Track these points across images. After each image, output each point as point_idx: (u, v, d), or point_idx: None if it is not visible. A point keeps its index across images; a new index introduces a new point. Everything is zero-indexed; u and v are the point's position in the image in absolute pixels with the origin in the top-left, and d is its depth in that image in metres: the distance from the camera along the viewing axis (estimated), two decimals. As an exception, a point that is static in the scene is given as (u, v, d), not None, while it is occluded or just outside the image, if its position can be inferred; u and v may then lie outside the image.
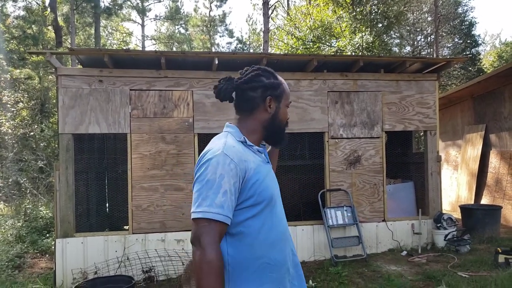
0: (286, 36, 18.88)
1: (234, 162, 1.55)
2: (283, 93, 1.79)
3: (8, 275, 5.94)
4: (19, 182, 10.78)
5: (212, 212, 1.47)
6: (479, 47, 21.92)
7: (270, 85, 1.75)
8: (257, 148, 1.74)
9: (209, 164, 1.54)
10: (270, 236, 1.65)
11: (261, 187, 1.62)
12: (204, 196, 1.50)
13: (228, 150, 1.58)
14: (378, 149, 6.64)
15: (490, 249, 6.33)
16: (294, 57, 6.77)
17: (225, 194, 1.50)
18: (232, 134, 1.71)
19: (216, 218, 1.48)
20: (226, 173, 1.52)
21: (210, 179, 1.51)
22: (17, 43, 16.43)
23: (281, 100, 1.78)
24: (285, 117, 1.81)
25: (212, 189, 1.50)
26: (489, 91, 9.30)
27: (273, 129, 1.78)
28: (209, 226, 1.47)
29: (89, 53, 5.99)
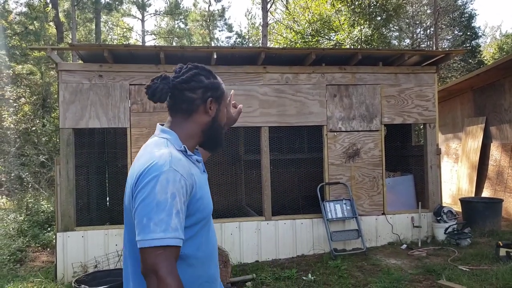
0: (285, 30, 18.84)
1: (184, 178, 1.38)
2: (223, 94, 1.66)
3: (10, 269, 6.00)
4: (21, 177, 10.84)
5: (169, 238, 1.29)
6: (479, 39, 21.84)
7: (211, 86, 1.60)
8: (196, 158, 1.57)
9: (156, 182, 1.33)
10: (207, 252, 1.53)
11: (204, 203, 1.49)
12: (157, 221, 1.29)
13: (176, 164, 1.39)
14: (377, 142, 6.64)
15: (491, 243, 6.32)
16: (292, 51, 6.77)
17: (177, 215, 1.33)
18: (171, 142, 1.51)
19: (173, 243, 1.30)
20: (177, 191, 1.34)
21: (161, 200, 1.31)
22: (19, 39, 16.44)
23: (221, 102, 1.65)
24: (224, 119, 1.69)
25: (165, 211, 1.30)
26: (489, 83, 9.27)
27: (212, 133, 1.63)
28: (165, 254, 1.29)
29: (89, 48, 6.00)
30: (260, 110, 6.26)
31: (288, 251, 6.27)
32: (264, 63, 6.26)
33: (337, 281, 5.03)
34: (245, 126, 6.39)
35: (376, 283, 4.84)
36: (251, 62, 6.30)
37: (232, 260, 5.72)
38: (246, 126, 6.47)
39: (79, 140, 6.12)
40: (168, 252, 1.29)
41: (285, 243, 6.26)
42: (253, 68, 6.30)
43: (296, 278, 5.19)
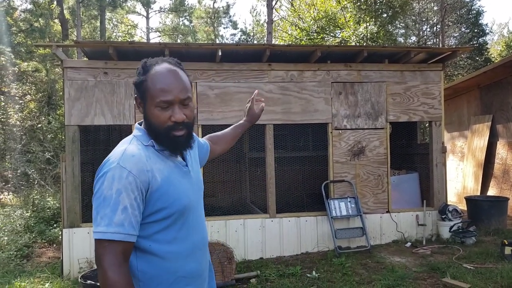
0: (290, 27, 18.80)
1: (132, 174, 1.38)
2: (146, 91, 1.49)
3: (16, 264, 6.05)
4: (27, 173, 10.90)
5: (111, 232, 1.34)
6: (486, 36, 21.65)
7: (137, 83, 1.52)
8: (168, 153, 1.54)
9: (104, 179, 1.38)
10: (184, 247, 1.53)
11: (171, 198, 1.47)
12: (102, 215, 1.35)
13: (125, 161, 1.40)
14: (382, 140, 6.62)
15: (496, 241, 6.29)
16: (297, 48, 6.76)
17: (124, 211, 1.36)
18: (138, 138, 1.53)
19: (115, 238, 1.34)
20: (124, 187, 1.36)
21: (107, 195, 1.36)
22: (24, 36, 16.52)
23: (147, 100, 1.50)
24: (158, 119, 1.48)
25: (110, 206, 1.35)
26: (496, 81, 9.21)
27: (152, 133, 1.52)
28: (110, 247, 1.34)
29: (94, 45, 6.03)
30: (264, 108, 6.24)
31: (293, 248, 6.27)
32: (269, 60, 6.25)
33: (341, 278, 5.03)
34: (250, 123, 6.37)
35: (380, 281, 4.84)
36: (256, 59, 6.29)
37: (236, 257, 5.74)
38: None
39: (85, 137, 6.15)
40: (112, 246, 1.35)
41: (290, 240, 6.27)
42: (257, 65, 6.29)
43: (300, 275, 5.19)
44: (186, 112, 1.50)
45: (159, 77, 1.48)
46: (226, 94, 6.15)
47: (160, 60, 1.55)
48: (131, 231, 1.38)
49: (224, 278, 4.76)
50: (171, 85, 1.48)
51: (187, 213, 1.53)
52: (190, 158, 1.69)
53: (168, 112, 1.47)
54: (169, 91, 1.46)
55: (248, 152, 7.94)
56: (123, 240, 1.36)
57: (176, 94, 1.47)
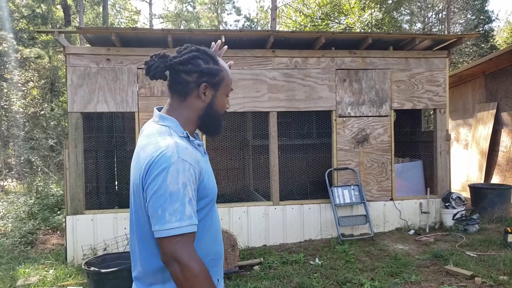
0: (294, 13, 18.61)
1: (192, 166, 1.41)
2: (221, 81, 1.58)
3: (21, 251, 6.09)
4: (31, 160, 10.94)
5: (185, 226, 1.35)
6: (492, 23, 21.34)
7: (208, 71, 1.55)
8: (197, 142, 1.58)
9: (167, 174, 1.36)
10: (213, 231, 1.58)
11: (210, 185, 1.52)
12: (171, 211, 1.35)
13: (184, 154, 1.41)
14: (386, 128, 6.58)
15: (499, 229, 6.30)
16: (301, 35, 6.68)
17: (190, 203, 1.39)
18: (173, 130, 1.52)
19: (190, 230, 1.37)
20: (188, 180, 1.39)
21: (173, 191, 1.35)
22: (26, 22, 16.42)
23: (219, 89, 1.59)
24: (222, 107, 1.63)
25: (178, 201, 1.35)
26: (501, 69, 9.11)
27: (209, 120, 1.61)
28: (183, 241, 1.35)
29: (96, 31, 5.97)
30: (268, 95, 6.22)
31: (296, 236, 6.29)
32: (273, 47, 6.19)
33: (344, 265, 5.05)
34: (253, 111, 6.35)
35: (383, 268, 4.85)
36: (260, 45, 6.23)
37: (240, 244, 5.76)
38: (254, 111, 6.43)
39: (88, 124, 6.14)
40: (186, 239, 1.36)
41: (293, 227, 6.28)
42: (261, 52, 6.23)
43: (304, 263, 5.21)
44: None
45: (228, 69, 1.65)
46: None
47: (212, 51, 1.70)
48: (196, 221, 1.41)
49: (228, 265, 4.78)
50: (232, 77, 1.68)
51: (214, 201, 1.60)
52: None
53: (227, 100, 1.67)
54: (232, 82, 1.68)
55: (252, 139, 7.92)
56: (194, 231, 1.39)
57: None
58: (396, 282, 4.45)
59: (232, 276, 4.75)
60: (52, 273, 5.13)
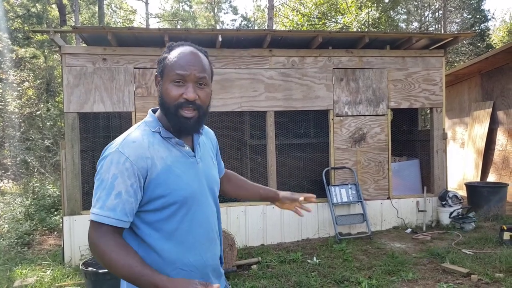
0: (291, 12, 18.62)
1: (129, 160, 1.38)
2: (164, 67, 1.48)
3: (17, 252, 6.07)
4: (27, 161, 10.89)
5: (102, 216, 1.36)
6: (488, 22, 21.43)
7: (159, 61, 1.52)
8: (176, 141, 1.51)
9: (104, 162, 1.41)
10: (187, 239, 1.50)
11: (171, 187, 1.45)
12: (97, 197, 1.38)
13: (124, 146, 1.41)
14: (383, 127, 6.60)
15: (495, 227, 6.34)
16: (298, 34, 6.68)
17: (118, 196, 1.37)
18: (147, 124, 1.52)
19: (106, 222, 1.36)
20: (120, 173, 1.37)
21: (104, 179, 1.38)
22: (21, 22, 16.35)
23: (163, 76, 1.49)
24: (167, 95, 1.46)
25: (105, 190, 1.37)
26: (497, 67, 9.15)
27: (164, 113, 1.51)
28: (102, 230, 1.37)
29: (92, 31, 5.95)
30: (265, 94, 6.22)
31: (293, 235, 6.29)
32: (270, 46, 6.19)
33: (341, 264, 5.06)
34: (251, 110, 6.35)
35: (380, 266, 4.87)
36: (257, 45, 6.23)
37: (237, 244, 5.76)
38: (251, 111, 6.43)
39: (84, 124, 6.12)
40: (104, 229, 1.37)
41: (290, 227, 6.28)
42: (258, 51, 6.23)
43: (301, 261, 5.22)
44: (200, 93, 1.47)
45: (179, 55, 1.48)
46: (226, 81, 6.10)
47: (186, 44, 1.54)
48: (123, 217, 1.39)
49: (226, 265, 4.78)
50: (189, 62, 1.47)
51: (189, 205, 1.50)
52: (200, 150, 1.63)
53: (181, 89, 1.45)
54: (186, 66, 1.45)
55: (249, 139, 7.91)
56: (113, 225, 1.38)
57: (192, 71, 1.45)
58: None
59: (230, 275, 4.75)
60: (49, 273, 5.11)
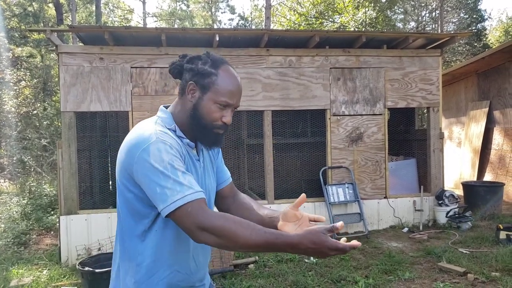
0: (289, 12, 18.62)
1: (174, 147, 1.39)
2: (212, 85, 1.48)
3: (14, 252, 6.05)
4: (23, 160, 10.86)
5: (188, 194, 1.31)
6: (485, 22, 21.45)
7: (199, 71, 1.49)
8: (187, 142, 1.53)
9: (149, 155, 1.34)
10: (187, 242, 1.51)
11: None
12: (170, 186, 1.31)
13: (162, 136, 1.40)
14: (380, 126, 6.61)
15: (491, 226, 6.36)
16: (295, 33, 6.69)
17: (184, 174, 1.35)
18: (162, 120, 1.52)
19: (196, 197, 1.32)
20: (174, 156, 1.36)
21: (162, 168, 1.32)
22: (18, 21, 16.29)
23: (207, 92, 1.49)
24: (209, 114, 1.49)
25: (171, 177, 1.32)
26: (494, 67, 9.18)
27: (195, 123, 1.51)
28: (194, 207, 1.30)
29: (89, 30, 5.93)
30: (263, 94, 6.22)
31: (290, 234, 6.28)
32: (267, 45, 6.19)
33: (338, 263, 5.07)
34: (248, 110, 6.35)
35: (377, 266, 4.88)
36: (254, 44, 6.23)
37: (234, 243, 5.75)
38: (248, 110, 6.43)
39: (81, 123, 6.10)
40: (196, 205, 1.30)
41: (287, 226, 6.27)
42: (255, 50, 6.23)
43: (298, 261, 5.22)
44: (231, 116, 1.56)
45: (230, 78, 1.51)
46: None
47: (229, 64, 1.57)
48: (200, 188, 1.37)
49: (223, 264, 4.78)
50: (238, 91, 1.53)
51: None
52: (203, 156, 1.64)
53: (222, 112, 1.51)
54: (235, 96, 1.52)
55: (246, 138, 7.92)
56: (202, 197, 1.34)
57: (237, 100, 1.53)
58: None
59: (227, 275, 4.75)
60: (46, 273, 5.10)
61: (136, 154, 1.36)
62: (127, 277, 1.49)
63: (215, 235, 1.28)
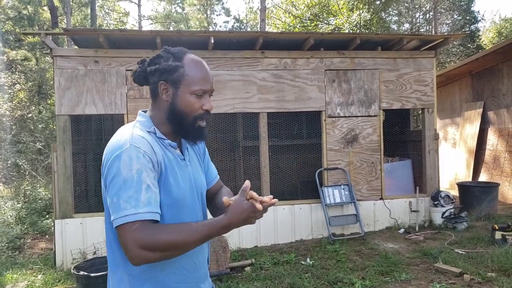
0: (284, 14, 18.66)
1: (147, 154, 1.37)
2: (182, 77, 1.47)
3: (8, 256, 6.01)
4: (18, 164, 10.80)
5: (141, 212, 1.30)
6: (478, 23, 21.59)
7: (165, 68, 1.48)
8: (168, 142, 1.51)
9: (120, 161, 1.34)
10: None
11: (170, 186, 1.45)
12: (126, 198, 1.30)
13: (137, 142, 1.38)
14: (375, 128, 6.63)
15: (487, 226, 6.38)
16: (290, 35, 6.70)
17: (148, 190, 1.33)
18: (141, 124, 1.51)
19: (147, 217, 1.31)
20: (144, 166, 1.34)
21: (127, 177, 1.31)
22: (12, 24, 16.22)
23: (180, 86, 1.48)
24: (188, 106, 1.48)
25: (133, 187, 1.31)
26: (487, 68, 9.23)
27: (177, 121, 1.50)
28: (142, 227, 1.29)
29: (84, 33, 5.93)
30: (258, 96, 6.22)
31: (287, 236, 6.30)
32: (262, 48, 6.20)
33: (335, 265, 5.07)
34: (243, 112, 6.35)
35: (373, 267, 4.88)
36: (249, 47, 6.23)
37: (231, 246, 5.75)
38: (244, 112, 6.43)
39: (76, 126, 6.08)
40: (144, 226, 1.30)
41: (284, 228, 6.29)
42: (250, 53, 6.23)
43: (295, 263, 5.22)
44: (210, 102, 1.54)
45: (198, 65, 1.50)
46: (219, 83, 6.10)
47: (190, 52, 1.55)
48: (157, 209, 1.36)
49: (219, 267, 4.77)
50: (209, 75, 1.51)
51: (180, 207, 1.49)
52: (188, 154, 1.63)
53: (200, 101, 1.50)
54: (207, 81, 1.50)
55: (242, 140, 7.91)
56: (154, 218, 1.33)
57: (212, 84, 1.52)
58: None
59: (224, 277, 4.74)
60: (40, 278, 5.07)
61: (109, 160, 1.38)
62: (121, 285, 1.48)
63: (160, 252, 1.31)
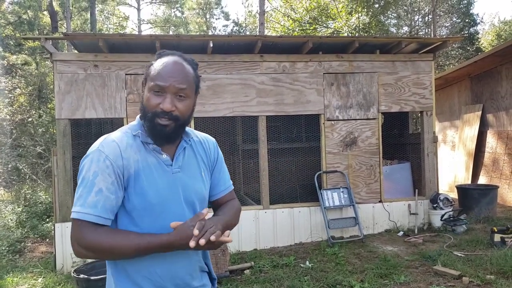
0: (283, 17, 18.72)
1: (109, 158, 1.41)
2: (147, 76, 1.50)
3: (9, 260, 6.02)
4: (18, 168, 10.82)
5: (83, 213, 1.36)
6: (477, 26, 21.63)
7: (145, 71, 1.54)
8: (153, 147, 1.50)
9: (85, 162, 1.43)
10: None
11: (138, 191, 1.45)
12: (79, 195, 1.40)
13: (104, 145, 1.44)
14: (374, 131, 6.65)
15: (486, 229, 6.39)
16: (289, 39, 6.74)
17: (99, 193, 1.38)
18: (130, 127, 1.55)
19: (87, 218, 1.36)
20: (101, 170, 1.39)
21: (85, 177, 1.40)
22: (12, 29, 16.28)
23: (145, 84, 1.51)
24: (148, 102, 1.47)
25: (86, 187, 1.39)
26: (486, 71, 9.26)
27: (143, 119, 1.52)
28: (84, 227, 1.37)
29: (83, 38, 5.96)
30: (257, 99, 6.25)
31: (286, 239, 6.31)
32: (261, 51, 6.23)
33: (334, 268, 5.08)
34: (242, 115, 6.38)
35: (373, 270, 4.89)
36: (248, 50, 6.27)
37: (230, 249, 5.77)
38: (243, 116, 6.46)
39: (76, 130, 6.11)
40: (86, 226, 1.37)
41: (283, 231, 6.30)
42: (249, 56, 6.27)
43: (294, 266, 5.23)
44: (178, 104, 1.46)
45: (162, 65, 1.47)
46: (218, 86, 6.13)
47: (175, 53, 1.54)
48: (103, 214, 1.39)
49: (218, 270, 4.78)
50: (170, 73, 1.45)
51: (157, 213, 1.47)
52: (182, 160, 1.58)
53: (160, 99, 1.45)
54: (166, 78, 1.44)
55: (241, 144, 7.93)
56: (95, 221, 1.38)
57: (171, 82, 1.44)
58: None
59: (223, 280, 4.75)
60: (41, 281, 5.08)
61: (82, 159, 1.48)
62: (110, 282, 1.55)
63: (92, 252, 1.39)
